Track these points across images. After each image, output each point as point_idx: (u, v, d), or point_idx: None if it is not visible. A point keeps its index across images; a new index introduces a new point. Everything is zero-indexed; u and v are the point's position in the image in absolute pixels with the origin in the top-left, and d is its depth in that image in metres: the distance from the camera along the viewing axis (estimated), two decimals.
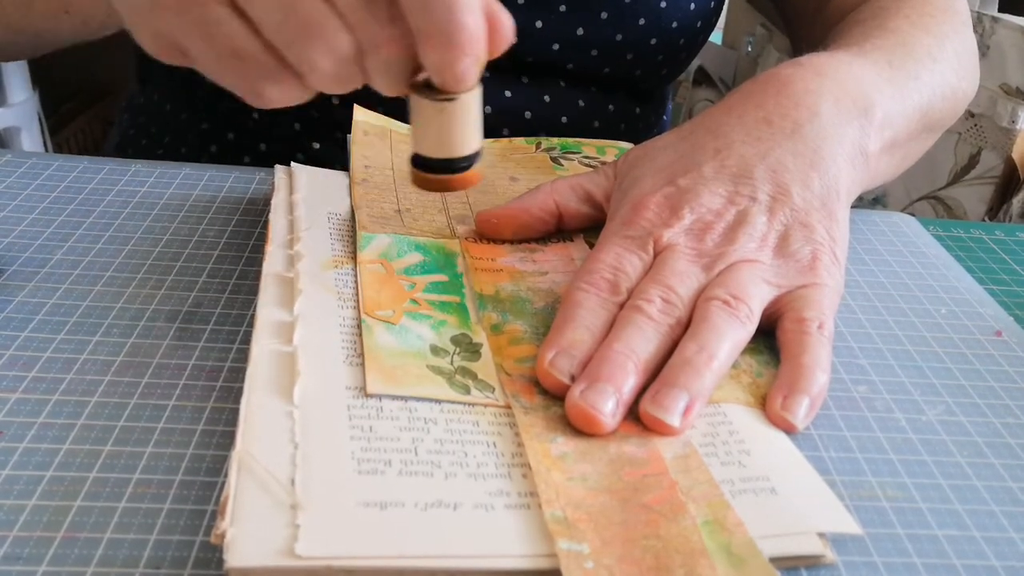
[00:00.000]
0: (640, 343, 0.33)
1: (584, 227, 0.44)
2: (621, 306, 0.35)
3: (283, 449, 0.29)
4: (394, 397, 0.32)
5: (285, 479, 0.27)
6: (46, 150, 1.44)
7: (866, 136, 0.42)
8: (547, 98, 0.60)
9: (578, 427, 0.31)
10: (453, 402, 0.32)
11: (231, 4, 0.29)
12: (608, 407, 0.31)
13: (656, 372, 0.33)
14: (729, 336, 0.34)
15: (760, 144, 0.39)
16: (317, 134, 0.59)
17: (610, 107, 0.63)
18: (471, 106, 0.32)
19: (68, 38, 0.51)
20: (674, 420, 0.31)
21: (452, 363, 0.34)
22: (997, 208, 1.15)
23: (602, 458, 0.30)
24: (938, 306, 0.43)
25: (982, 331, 0.41)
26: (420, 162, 0.33)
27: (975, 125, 1.15)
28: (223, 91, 0.32)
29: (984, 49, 1.17)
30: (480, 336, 0.36)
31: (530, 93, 0.60)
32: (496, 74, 0.59)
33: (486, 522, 0.27)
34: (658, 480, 0.29)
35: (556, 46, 0.58)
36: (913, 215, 0.53)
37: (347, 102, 0.57)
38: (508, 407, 0.32)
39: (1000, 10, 1.21)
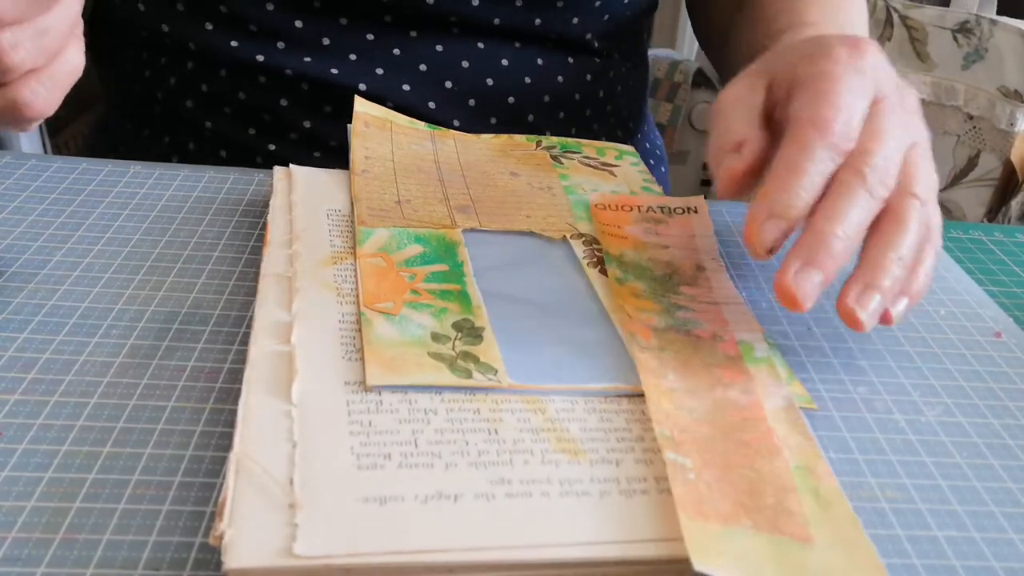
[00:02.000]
0: (855, 222, 0.34)
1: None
2: (840, 161, 0.35)
3: (281, 449, 0.29)
4: (394, 390, 0.32)
5: (283, 479, 0.27)
6: (45, 152, 1.44)
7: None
8: (490, 82, 0.58)
9: (782, 302, 0.33)
10: (454, 387, 0.32)
11: None
12: (814, 293, 0.33)
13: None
14: (918, 240, 0.35)
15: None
16: (275, 134, 0.58)
17: (559, 78, 0.60)
18: None
19: None
20: (870, 321, 0.33)
21: (454, 348, 0.34)
22: (996, 210, 1.15)
23: (708, 398, 0.33)
24: (937, 307, 0.43)
25: (981, 332, 0.41)
26: None
27: (974, 127, 1.15)
28: (179, 103, 0.31)
29: (983, 52, 1.17)
30: (482, 320, 0.36)
31: (451, 56, 0.58)
32: (424, 35, 0.57)
33: (487, 513, 0.27)
34: (756, 424, 0.32)
35: (476, 1, 0.56)
36: None
37: (298, 102, 0.56)
38: (511, 387, 0.33)
39: (998, 12, 1.21)
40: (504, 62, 0.59)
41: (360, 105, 0.51)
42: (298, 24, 0.56)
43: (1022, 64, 1.12)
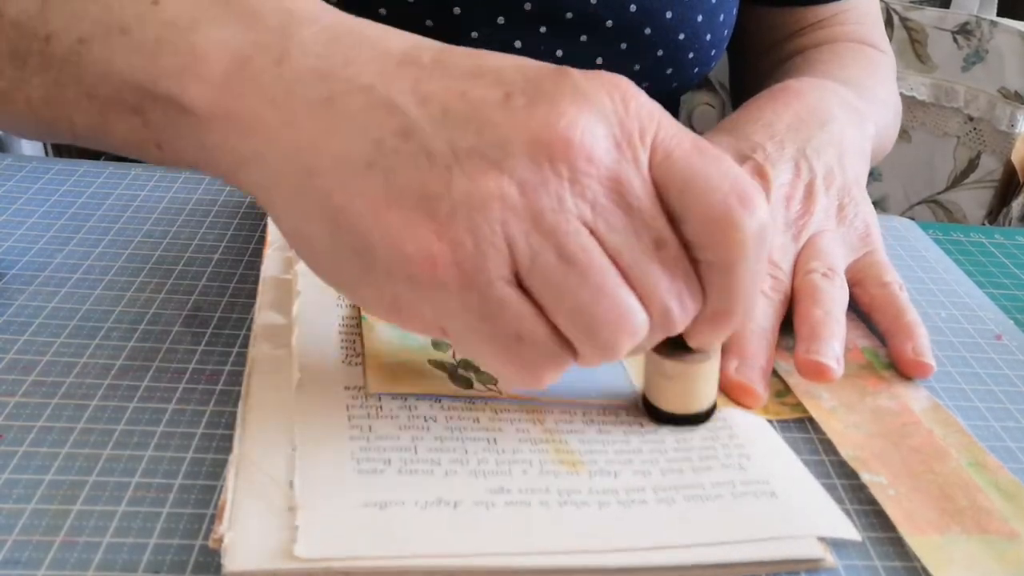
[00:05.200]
0: (764, 320, 0.37)
1: None
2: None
3: (281, 451, 0.29)
4: (394, 395, 0.32)
5: (283, 482, 0.27)
6: (46, 154, 1.44)
7: (866, 141, 0.47)
8: None
9: (737, 400, 0.34)
10: (455, 397, 0.32)
11: (518, 284, 0.26)
12: (761, 382, 0.35)
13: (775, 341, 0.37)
14: (838, 302, 0.37)
15: (800, 134, 0.44)
16: None
17: None
18: (717, 363, 0.32)
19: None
20: (833, 363, 0.35)
21: (454, 356, 0.34)
22: (996, 212, 1.15)
23: (864, 410, 0.34)
24: (938, 310, 0.43)
25: (982, 335, 0.41)
26: (666, 416, 0.32)
27: (974, 129, 1.15)
28: None
29: (983, 53, 1.17)
30: None
31: None
32: None
33: (486, 520, 0.27)
34: (916, 428, 0.33)
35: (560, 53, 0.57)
36: (912, 219, 0.53)
37: None
38: (512, 397, 0.32)
39: (999, 14, 1.21)
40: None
41: None
42: None
43: (1022, 66, 1.12)
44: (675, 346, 0.31)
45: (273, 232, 0.41)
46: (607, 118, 0.26)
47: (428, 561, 0.25)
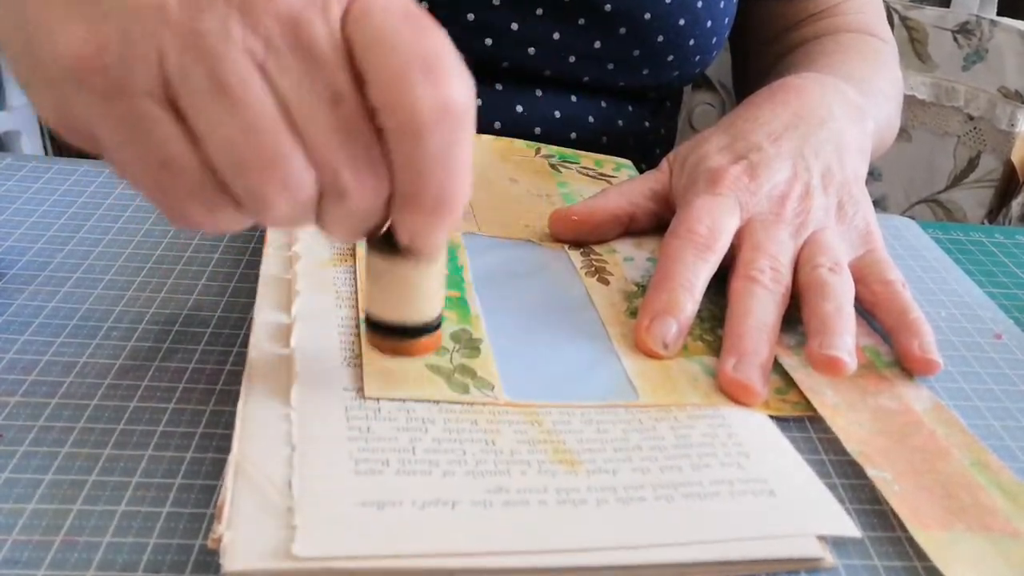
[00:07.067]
0: (765, 314, 0.37)
1: (651, 227, 0.45)
2: (714, 263, 0.39)
3: (280, 451, 0.29)
4: (392, 398, 0.32)
5: (282, 481, 0.27)
6: (46, 154, 1.44)
7: (865, 138, 0.47)
8: (557, 113, 0.60)
9: (735, 398, 0.34)
10: (452, 402, 0.32)
11: (171, 105, 0.24)
12: (760, 379, 0.34)
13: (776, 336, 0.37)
14: (848, 296, 0.38)
15: (798, 132, 0.44)
16: None
17: (619, 122, 0.63)
18: (440, 269, 0.29)
19: None
20: (847, 357, 0.35)
21: (451, 361, 0.34)
22: (996, 211, 1.15)
23: (865, 409, 0.34)
24: (938, 309, 0.43)
25: (982, 334, 0.41)
26: (375, 324, 0.30)
27: (974, 128, 1.15)
28: None
29: (983, 52, 1.17)
30: (480, 331, 0.36)
31: (542, 109, 0.59)
32: (509, 88, 0.58)
33: (484, 520, 0.27)
34: (917, 427, 0.33)
35: (572, 58, 0.57)
36: (912, 218, 0.54)
37: None
38: (508, 405, 0.32)
39: (999, 13, 1.21)
40: (573, 98, 0.60)
41: None
42: None
43: (1022, 65, 1.12)
44: (395, 247, 0.28)
45: (273, 232, 0.41)
46: None
47: (426, 561, 0.25)
